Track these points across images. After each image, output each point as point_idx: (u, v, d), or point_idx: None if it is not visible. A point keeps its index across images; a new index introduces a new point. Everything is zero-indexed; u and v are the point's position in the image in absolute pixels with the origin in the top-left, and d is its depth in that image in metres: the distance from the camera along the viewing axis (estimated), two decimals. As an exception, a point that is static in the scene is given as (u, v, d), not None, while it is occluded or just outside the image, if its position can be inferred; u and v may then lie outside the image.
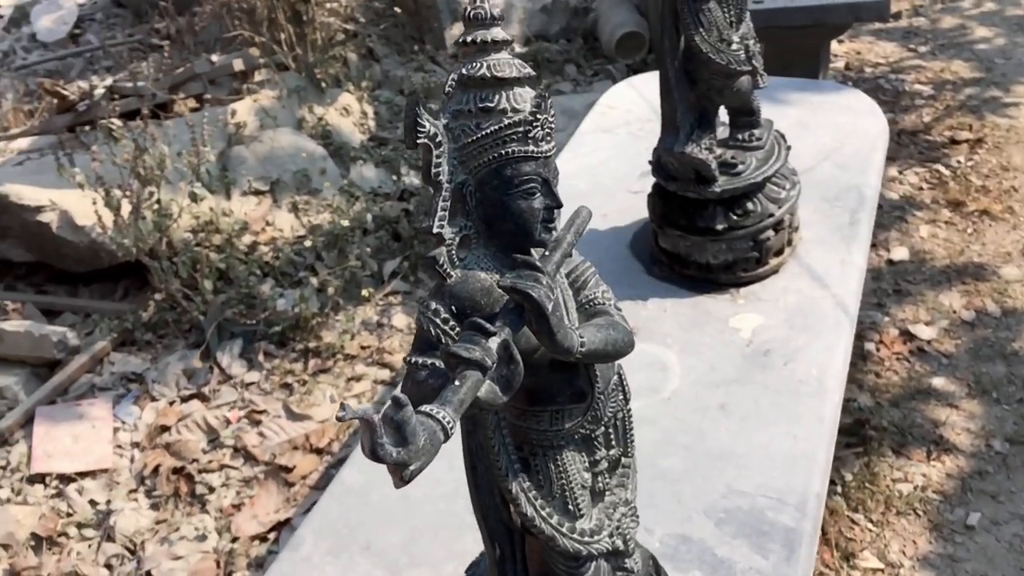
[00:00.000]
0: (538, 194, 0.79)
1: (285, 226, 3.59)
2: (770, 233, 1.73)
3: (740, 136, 1.75)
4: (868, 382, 2.85)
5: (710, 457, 1.41)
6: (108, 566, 2.46)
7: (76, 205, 3.23)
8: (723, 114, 1.78)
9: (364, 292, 3.17)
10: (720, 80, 1.60)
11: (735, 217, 1.70)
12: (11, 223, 3.46)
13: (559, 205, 0.80)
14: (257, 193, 3.64)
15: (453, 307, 0.77)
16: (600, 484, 0.94)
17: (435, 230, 0.77)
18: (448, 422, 0.67)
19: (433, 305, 0.77)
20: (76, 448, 2.79)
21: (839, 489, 2.40)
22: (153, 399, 2.98)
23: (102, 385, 3.07)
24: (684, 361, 1.61)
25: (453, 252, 0.79)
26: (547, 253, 0.79)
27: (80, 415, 2.89)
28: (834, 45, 5.00)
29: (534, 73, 0.80)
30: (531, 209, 0.79)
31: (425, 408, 0.68)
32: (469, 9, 0.77)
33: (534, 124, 0.77)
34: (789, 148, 1.78)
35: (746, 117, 1.74)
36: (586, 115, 2.54)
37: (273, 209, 3.64)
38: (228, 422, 2.86)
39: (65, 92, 4.14)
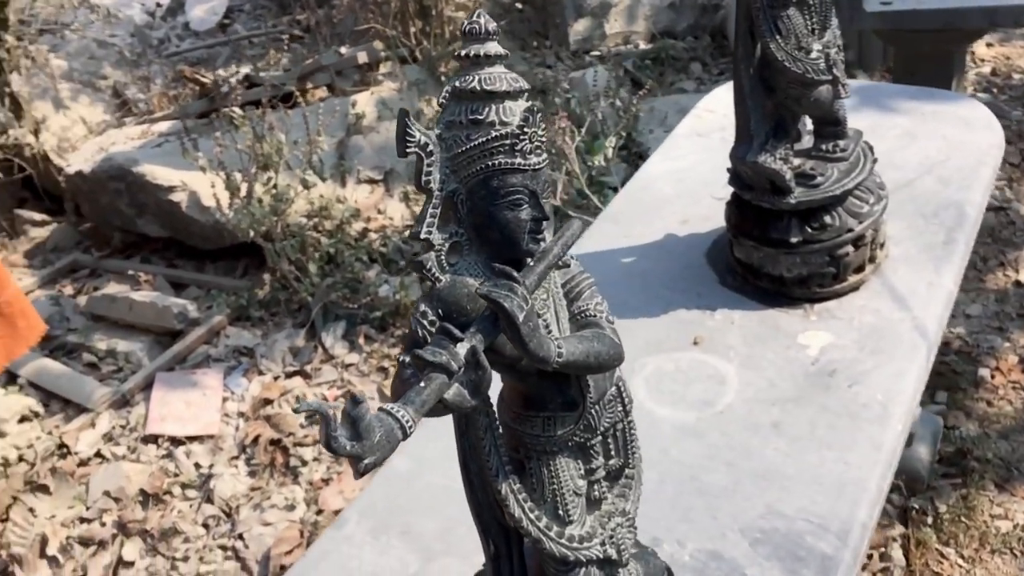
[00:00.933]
0: (525, 205, 0.80)
1: (395, 215, 3.71)
2: (849, 249, 1.66)
3: (824, 147, 1.69)
4: (977, 410, 2.70)
5: (754, 476, 1.38)
6: (205, 526, 2.62)
7: (203, 187, 3.44)
8: (810, 123, 1.72)
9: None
10: (797, 89, 1.56)
11: (811, 230, 1.65)
12: (147, 200, 3.72)
13: (546, 217, 0.81)
14: (371, 182, 3.77)
15: (440, 310, 0.80)
16: (596, 492, 0.94)
17: (423, 235, 0.80)
18: (407, 421, 0.70)
19: (422, 307, 0.80)
20: (187, 414, 2.99)
21: (930, 520, 2.28)
22: (260, 373, 3.14)
23: (216, 356, 3.26)
24: (743, 375, 1.57)
25: (442, 257, 0.82)
26: (531, 264, 0.80)
27: (194, 383, 3.09)
28: (981, 49, 4.71)
29: (527, 87, 0.81)
30: (517, 220, 0.80)
31: (387, 407, 0.71)
32: (465, 24, 0.80)
33: (521, 138, 0.78)
34: (875, 160, 1.71)
35: (831, 127, 1.68)
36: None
37: (385, 198, 3.76)
38: (326, 400, 2.98)
39: (203, 79, 4.40)
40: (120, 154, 3.80)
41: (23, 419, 2.96)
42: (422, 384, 0.73)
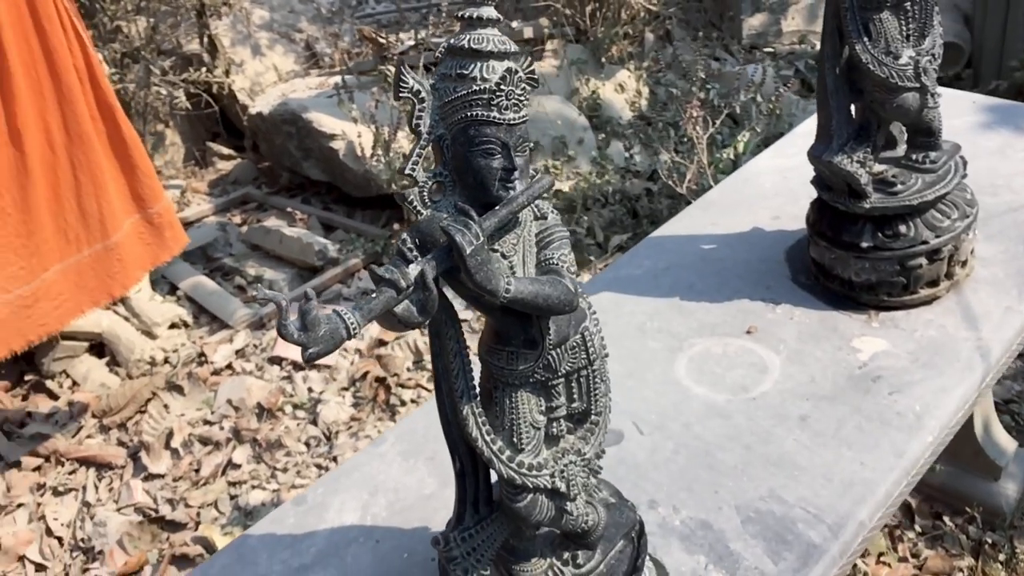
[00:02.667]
0: (497, 155, 0.90)
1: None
2: (921, 261, 1.64)
3: (914, 156, 1.66)
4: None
5: (766, 461, 1.42)
6: (307, 444, 2.87)
7: (359, 138, 3.70)
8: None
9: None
10: (881, 93, 1.55)
11: (884, 237, 1.64)
12: (312, 145, 4.03)
13: (514, 168, 0.90)
14: (515, 152, 3.91)
15: (417, 240, 0.91)
16: (555, 430, 1.03)
17: (407, 171, 0.91)
18: (352, 323, 0.83)
19: (404, 236, 0.92)
20: (311, 343, 3.24)
21: (1003, 557, 2.19)
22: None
23: (347, 295, 3.52)
24: (786, 368, 1.60)
25: (424, 194, 0.93)
26: (497, 208, 0.90)
27: (323, 316, 3.34)
28: None
29: (515, 49, 0.90)
30: (489, 167, 0.90)
31: (338, 308, 0.83)
32: (466, -11, 0.90)
33: (497, 93, 0.88)
34: (964, 176, 1.67)
35: (923, 137, 1.65)
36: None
37: (526, 169, 3.89)
38: (434, 349, 3.17)
39: (381, 40, 4.68)
40: (294, 100, 4.13)
41: (173, 326, 3.33)
42: (373, 295, 0.85)
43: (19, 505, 2.78)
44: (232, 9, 4.74)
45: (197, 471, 2.82)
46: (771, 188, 2.14)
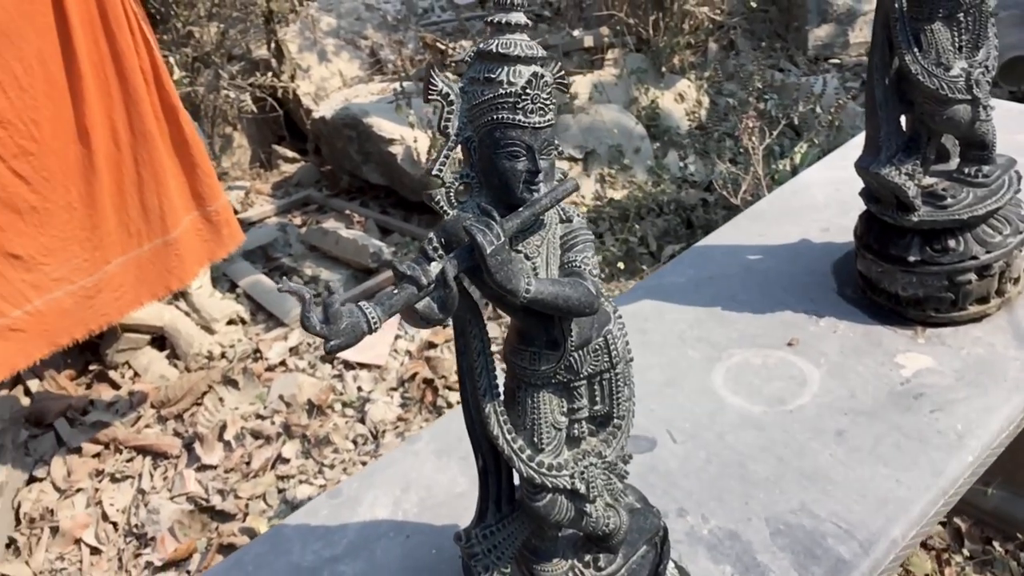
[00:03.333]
0: (522, 158, 0.91)
1: (588, 193, 3.84)
2: (971, 276, 1.60)
3: (966, 170, 1.63)
4: None
5: (799, 474, 1.40)
6: (354, 442, 2.92)
7: (416, 143, 3.75)
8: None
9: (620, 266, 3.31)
10: (931, 105, 1.52)
11: (932, 251, 1.61)
12: (372, 150, 4.11)
13: (538, 171, 0.92)
14: (571, 159, 3.92)
15: (442, 239, 0.93)
16: (576, 431, 1.04)
17: (434, 172, 0.93)
18: (373, 318, 0.85)
19: (431, 234, 0.94)
20: (363, 343, 3.29)
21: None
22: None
23: (400, 298, 3.55)
24: (826, 382, 1.57)
25: (451, 194, 0.95)
26: (520, 210, 0.92)
27: (374, 317, 3.40)
28: None
29: (543, 54, 0.91)
30: (513, 169, 0.91)
31: (360, 303, 0.86)
32: (497, -6, 0.92)
33: (523, 97, 0.89)
34: (1019, 191, 1.63)
35: (976, 151, 1.61)
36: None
37: (581, 176, 3.90)
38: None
39: (442, 47, 4.74)
40: (356, 105, 4.21)
41: (231, 322, 3.42)
42: (394, 291, 0.87)
43: (78, 490, 2.88)
44: (299, 16, 4.86)
45: (248, 464, 2.89)
46: (822, 200, 2.12)
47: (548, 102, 0.91)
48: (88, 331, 2.41)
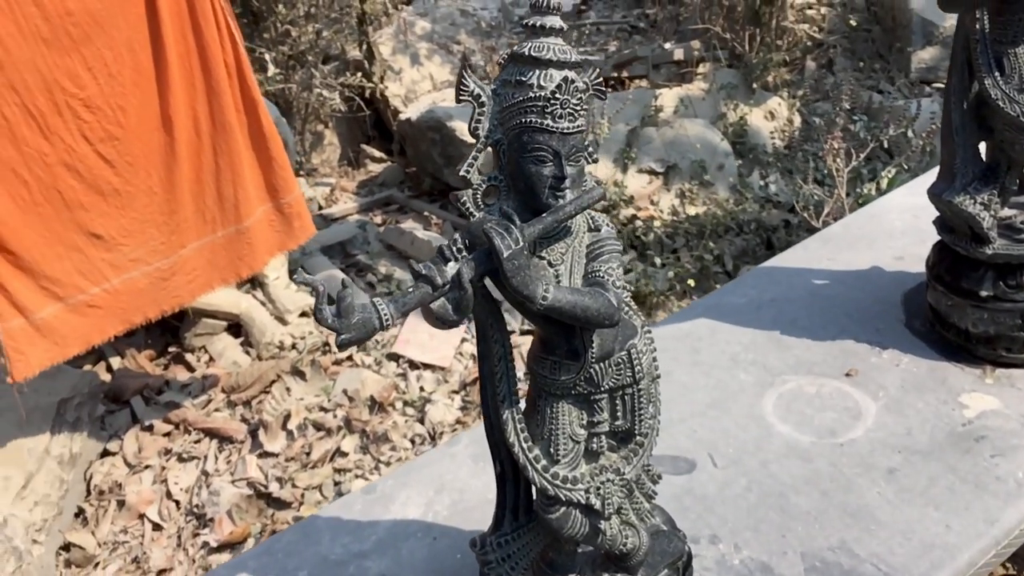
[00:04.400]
0: (548, 163, 0.89)
1: (666, 208, 3.79)
2: (1048, 316, 1.51)
3: (1049, 202, 1.54)
4: None
5: (843, 511, 1.34)
6: (412, 441, 2.94)
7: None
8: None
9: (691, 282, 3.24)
10: (1012, 133, 1.44)
11: (1005, 287, 1.52)
12: (454, 153, 4.14)
13: (564, 177, 0.90)
14: (651, 173, 3.88)
15: (467, 240, 0.92)
16: (595, 445, 1.02)
17: (462, 173, 0.92)
18: (386, 314, 0.85)
19: (455, 235, 0.94)
20: (430, 344, 3.33)
21: None
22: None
23: (470, 301, 3.57)
24: (882, 417, 1.51)
25: (478, 196, 0.94)
26: (544, 215, 0.90)
27: (443, 319, 3.43)
28: None
29: (576, 59, 0.90)
30: (539, 174, 0.89)
31: (375, 299, 0.86)
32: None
33: (551, 102, 0.87)
34: (1104, 228, 1.53)
35: (1061, 183, 1.53)
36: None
37: (661, 190, 3.85)
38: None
39: (532, 54, 4.74)
40: (440, 109, 4.25)
41: (304, 314, 3.49)
42: (410, 290, 0.87)
43: (147, 467, 2.98)
44: (391, 19, 4.94)
45: (308, 454, 2.94)
46: (900, 226, 2.03)
47: (578, 108, 0.90)
48: (160, 311, 2.49)
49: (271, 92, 4.12)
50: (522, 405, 1.04)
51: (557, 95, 0.88)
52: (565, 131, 0.89)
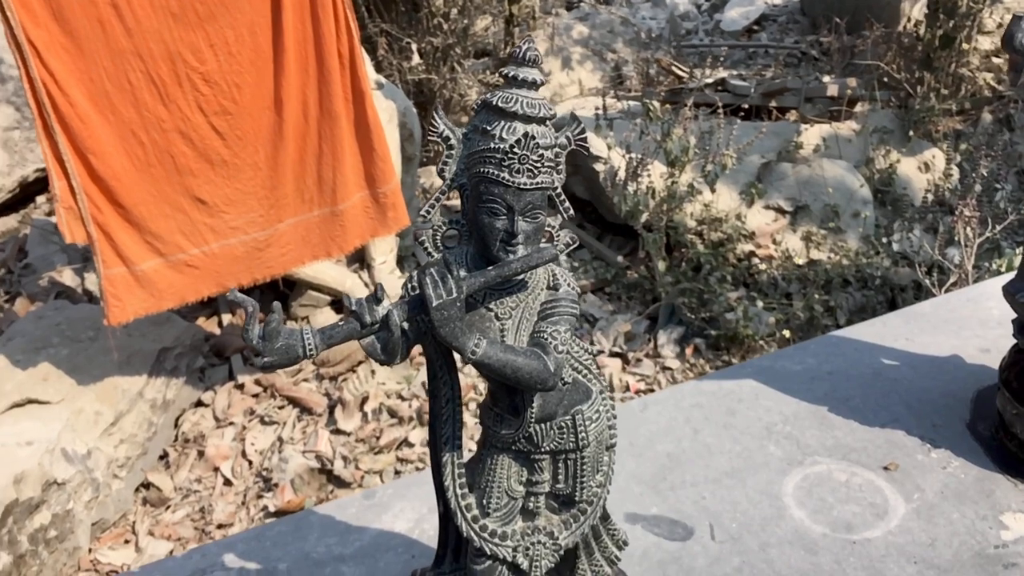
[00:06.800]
0: (502, 216, 0.86)
1: (788, 248, 3.62)
2: (1122, 446, 1.35)
3: None
4: None
5: (832, 615, 1.25)
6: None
7: (618, 165, 3.71)
8: None
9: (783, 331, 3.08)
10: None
11: (1077, 405, 1.37)
12: (580, 163, 4.11)
13: (515, 234, 0.86)
14: (779, 211, 3.71)
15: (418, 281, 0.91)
16: (532, 504, 0.98)
17: (422, 213, 0.91)
18: (310, 344, 0.85)
19: (412, 275, 0.93)
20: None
21: None
22: (591, 342, 3.36)
23: (567, 314, 3.55)
24: (909, 521, 1.38)
25: (438, 237, 0.93)
26: (488, 268, 0.87)
27: (536, 328, 3.42)
28: None
29: (544, 115, 0.86)
30: (492, 226, 0.87)
31: (305, 328, 0.86)
32: (516, 48, 0.87)
33: (509, 155, 0.84)
34: None
35: None
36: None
37: (786, 231, 3.69)
38: (627, 389, 3.12)
39: (679, 72, 4.64)
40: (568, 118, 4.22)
41: (400, 301, 3.56)
42: (340, 324, 0.87)
43: (230, 423, 3.14)
44: (537, 22, 4.95)
45: (377, 438, 3.01)
46: (996, 316, 1.86)
47: (538, 164, 0.87)
48: (253, 279, 2.62)
49: (411, 81, 4.22)
50: (474, 450, 1.03)
51: (516, 149, 0.85)
52: (521, 186, 0.86)
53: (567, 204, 0.94)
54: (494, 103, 0.87)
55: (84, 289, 3.81)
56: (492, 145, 0.86)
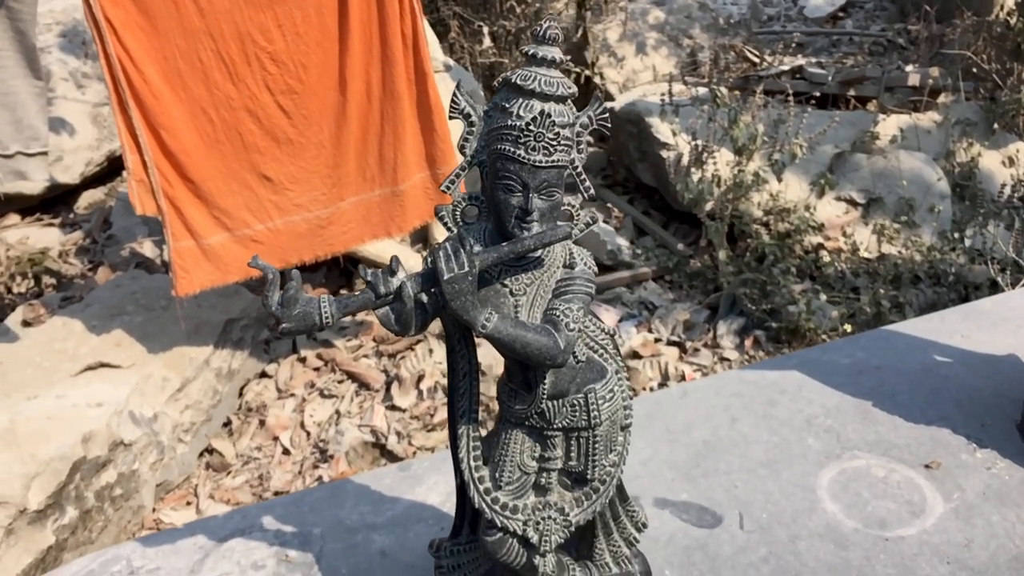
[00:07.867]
0: (517, 193, 0.87)
1: (858, 241, 3.53)
2: None
3: None
4: None
5: (856, 610, 1.23)
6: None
7: (685, 151, 3.66)
8: None
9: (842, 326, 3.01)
10: None
11: None
12: (648, 150, 4.08)
13: (529, 212, 0.87)
14: (850, 202, 3.62)
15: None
16: (544, 480, 1.00)
17: (442, 188, 0.92)
18: (326, 313, 0.88)
19: (432, 248, 0.95)
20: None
21: None
22: (649, 330, 3.35)
23: (625, 300, 3.55)
24: (946, 520, 1.35)
25: (457, 213, 0.94)
26: (502, 244, 0.88)
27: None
28: None
29: (562, 93, 0.86)
30: (507, 203, 0.88)
31: (322, 297, 0.89)
32: (537, 27, 0.88)
33: (525, 133, 0.85)
34: None
35: None
36: None
37: (857, 223, 3.59)
38: (683, 378, 3.09)
39: (753, 58, 4.54)
40: (643, 103, 4.19)
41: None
42: (356, 293, 0.89)
43: (291, 395, 3.23)
44: (609, 6, 4.90)
45: (431, 416, 3.06)
46: (1060, 315, 1.79)
47: (554, 142, 0.87)
48: (315, 256, 2.68)
49: (482, 65, 4.24)
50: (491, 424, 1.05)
51: (531, 127, 0.86)
52: (537, 164, 0.87)
53: (588, 183, 0.94)
54: (513, 81, 0.88)
55: (162, 260, 3.96)
56: (509, 122, 0.87)
